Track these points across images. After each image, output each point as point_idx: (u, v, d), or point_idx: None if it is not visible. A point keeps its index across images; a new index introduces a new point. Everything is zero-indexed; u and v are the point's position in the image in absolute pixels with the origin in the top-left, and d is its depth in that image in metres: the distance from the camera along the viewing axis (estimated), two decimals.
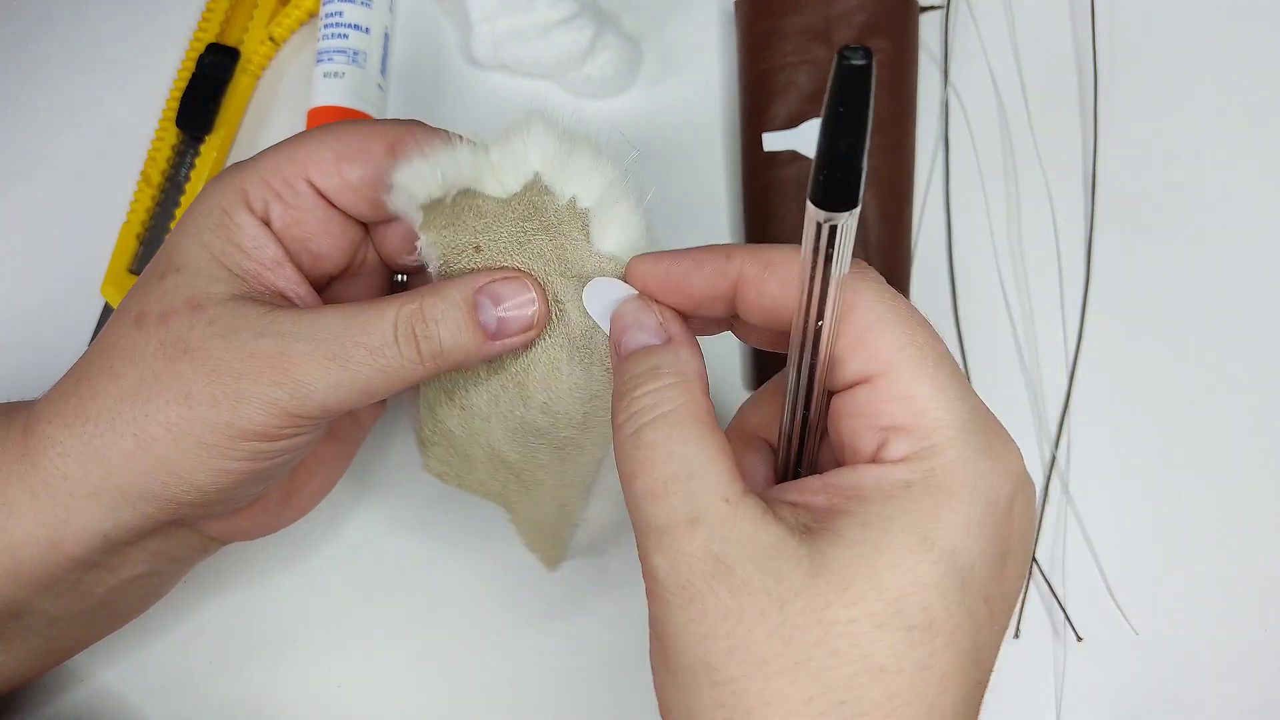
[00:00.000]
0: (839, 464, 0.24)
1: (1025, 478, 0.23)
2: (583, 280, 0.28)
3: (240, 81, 0.43)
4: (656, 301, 0.26)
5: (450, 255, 0.28)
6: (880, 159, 0.39)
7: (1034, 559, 0.38)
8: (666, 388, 0.23)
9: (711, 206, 0.42)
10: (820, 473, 0.24)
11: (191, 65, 0.43)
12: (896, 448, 0.22)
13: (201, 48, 0.43)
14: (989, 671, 0.22)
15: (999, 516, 0.22)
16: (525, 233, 0.28)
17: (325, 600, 0.38)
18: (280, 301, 0.28)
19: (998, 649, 0.22)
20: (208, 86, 0.42)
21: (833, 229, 0.21)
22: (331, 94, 0.41)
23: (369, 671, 0.38)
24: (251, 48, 0.43)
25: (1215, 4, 0.43)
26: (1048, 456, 0.39)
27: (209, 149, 0.42)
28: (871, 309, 0.23)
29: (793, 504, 0.23)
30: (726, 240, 0.42)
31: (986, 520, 0.21)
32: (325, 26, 0.42)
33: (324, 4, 0.42)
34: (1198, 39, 0.43)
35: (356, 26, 0.41)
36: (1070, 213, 0.41)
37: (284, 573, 0.38)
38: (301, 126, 0.41)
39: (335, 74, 0.41)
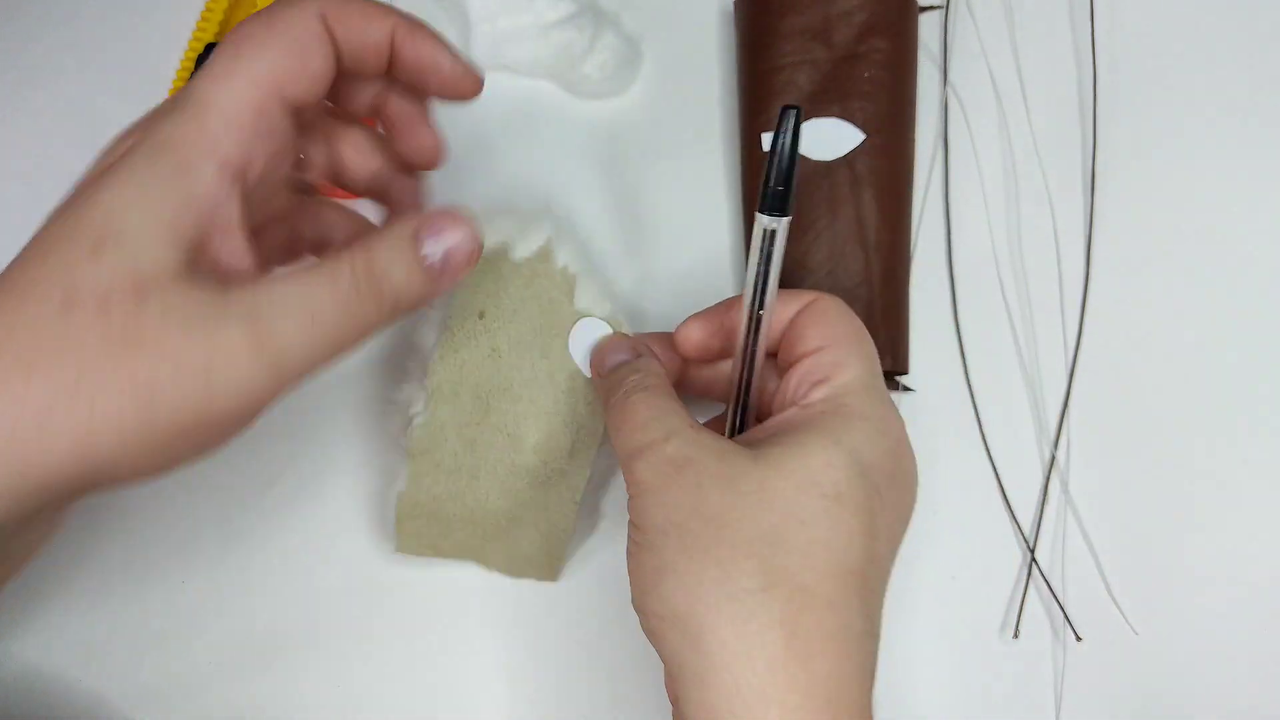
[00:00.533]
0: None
1: (900, 439, 0.30)
2: (564, 335, 0.36)
3: None
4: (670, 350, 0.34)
5: (459, 316, 0.35)
6: (880, 159, 0.39)
7: (1033, 559, 0.38)
8: (645, 375, 0.32)
9: (712, 207, 0.42)
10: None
11: (190, 65, 0.43)
12: (816, 394, 0.30)
13: (200, 48, 0.43)
14: (885, 554, 0.29)
15: (892, 440, 0.29)
16: (523, 300, 0.35)
17: (326, 600, 0.38)
18: (229, 277, 0.26)
19: (891, 540, 0.29)
20: None
21: (773, 233, 0.30)
22: None
23: (369, 671, 0.38)
24: None
25: (1215, 4, 0.43)
26: (1047, 456, 0.39)
27: None
28: (837, 311, 0.32)
29: (742, 442, 0.30)
30: (727, 240, 0.42)
31: (881, 438, 0.29)
32: None
33: None
34: (1197, 39, 0.43)
35: None
36: (1070, 213, 0.41)
37: (284, 573, 0.38)
38: None
39: None
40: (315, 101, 0.28)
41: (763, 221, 0.29)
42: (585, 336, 0.36)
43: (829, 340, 0.31)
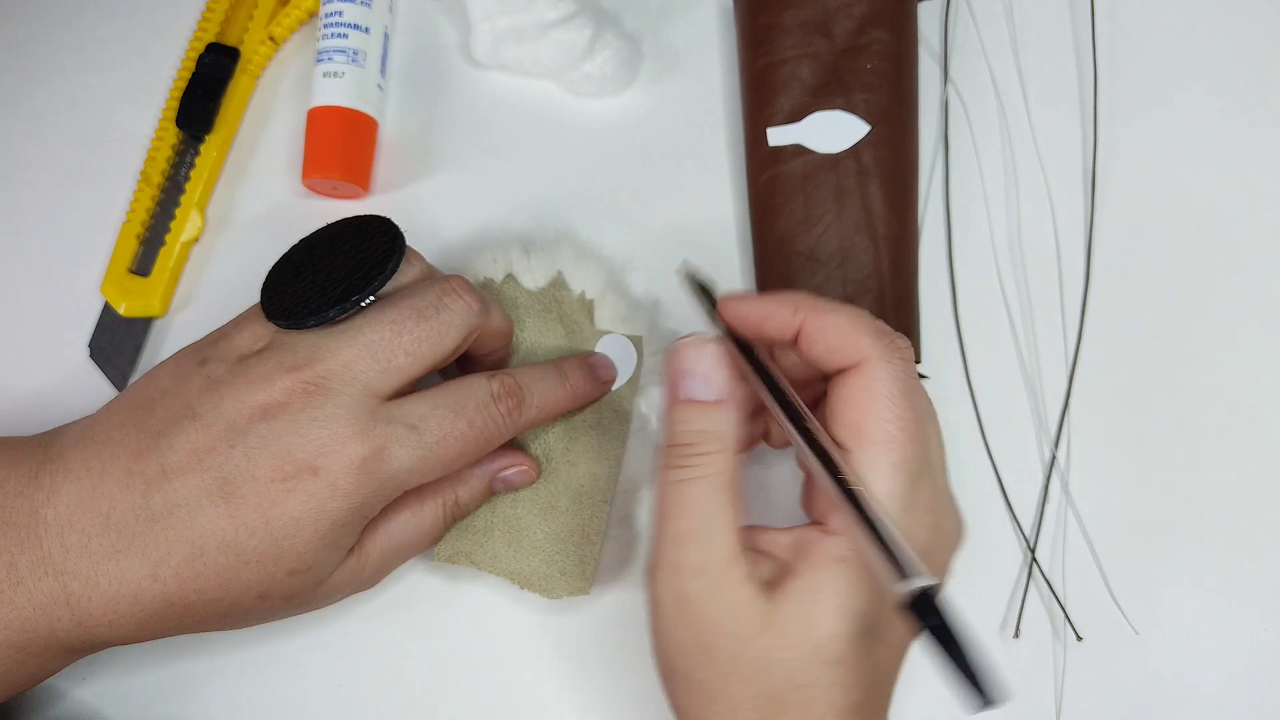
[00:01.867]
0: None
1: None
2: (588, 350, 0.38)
3: (240, 81, 0.43)
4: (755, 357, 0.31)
5: None
6: (885, 150, 0.39)
7: (1034, 558, 0.38)
8: (714, 455, 0.29)
9: (715, 204, 0.42)
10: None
11: (191, 65, 0.43)
12: (837, 520, 0.28)
13: (201, 47, 0.43)
14: (889, 667, 0.30)
15: None
16: (546, 326, 0.38)
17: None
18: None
19: (895, 652, 0.30)
20: (207, 86, 0.42)
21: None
22: (331, 94, 0.41)
23: (370, 671, 0.38)
24: (251, 47, 0.43)
25: (1214, 2, 0.43)
26: (1047, 456, 0.39)
27: (209, 149, 0.42)
28: (888, 393, 0.28)
29: (768, 554, 0.30)
30: (729, 238, 0.42)
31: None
32: (325, 26, 0.42)
33: (324, 4, 0.42)
34: (1197, 37, 0.43)
35: (356, 26, 0.41)
36: (1070, 211, 0.41)
37: None
38: (301, 126, 0.41)
39: (335, 74, 0.41)
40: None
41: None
42: (609, 350, 0.38)
43: (862, 437, 0.28)
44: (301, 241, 0.35)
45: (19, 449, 0.31)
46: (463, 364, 0.37)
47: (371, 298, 0.32)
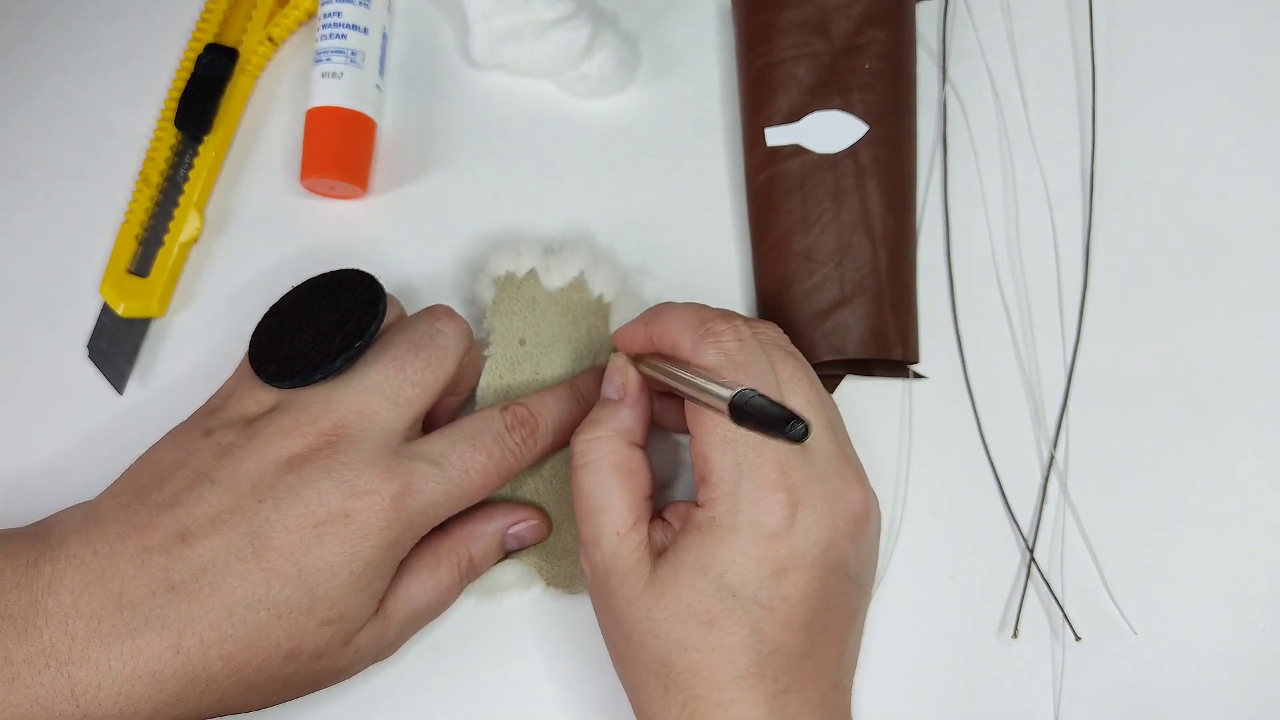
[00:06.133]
0: None
1: (793, 516, 0.30)
2: (603, 357, 0.39)
3: (239, 82, 0.43)
4: (637, 359, 0.35)
5: (500, 343, 0.38)
6: (883, 149, 0.39)
7: (1032, 558, 0.38)
8: (598, 440, 0.33)
9: (714, 204, 0.42)
10: None
11: (190, 65, 0.43)
12: (703, 493, 0.31)
13: (200, 48, 0.43)
14: (790, 642, 0.30)
15: (764, 545, 0.30)
16: (561, 328, 0.38)
17: None
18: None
19: (793, 629, 0.30)
20: (206, 87, 0.42)
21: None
22: (330, 94, 0.41)
23: (372, 670, 0.38)
24: (250, 48, 0.43)
25: (1213, 2, 0.43)
26: (1046, 456, 0.39)
27: (207, 149, 0.42)
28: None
29: (666, 521, 0.33)
30: (728, 238, 0.42)
31: (752, 550, 0.30)
32: (323, 27, 0.42)
33: (322, 4, 0.42)
34: (1195, 36, 0.43)
35: (354, 26, 0.41)
36: (1069, 212, 0.41)
37: None
38: (300, 127, 0.41)
39: (333, 74, 0.41)
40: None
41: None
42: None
43: (697, 419, 0.31)
44: (274, 307, 0.35)
45: (14, 539, 0.30)
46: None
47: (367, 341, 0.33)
